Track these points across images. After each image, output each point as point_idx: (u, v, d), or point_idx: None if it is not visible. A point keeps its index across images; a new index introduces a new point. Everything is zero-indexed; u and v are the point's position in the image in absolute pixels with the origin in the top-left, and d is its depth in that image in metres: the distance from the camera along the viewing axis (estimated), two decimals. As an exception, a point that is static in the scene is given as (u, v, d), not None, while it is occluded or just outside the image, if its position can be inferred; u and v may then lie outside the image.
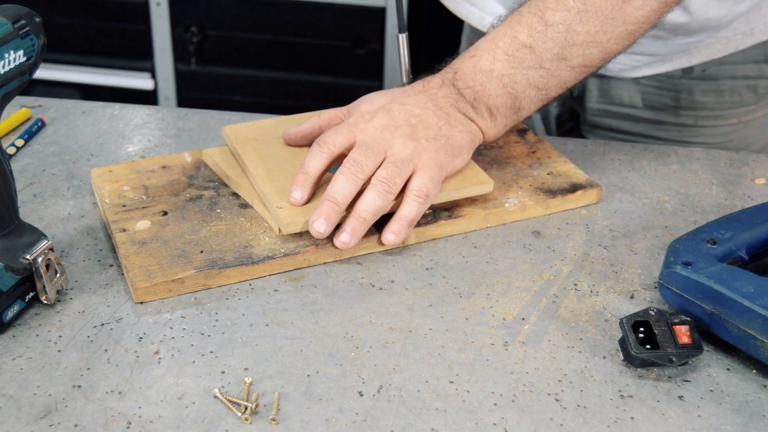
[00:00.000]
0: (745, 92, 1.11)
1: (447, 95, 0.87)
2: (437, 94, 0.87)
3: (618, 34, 0.85)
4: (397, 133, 0.83)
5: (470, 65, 0.87)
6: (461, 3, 1.13)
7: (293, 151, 0.90)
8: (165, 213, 0.85)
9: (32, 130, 0.99)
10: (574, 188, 0.91)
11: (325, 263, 0.82)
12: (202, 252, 0.80)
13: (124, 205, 0.86)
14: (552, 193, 0.91)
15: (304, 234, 0.82)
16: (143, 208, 0.86)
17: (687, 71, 1.09)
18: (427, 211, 0.86)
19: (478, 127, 0.88)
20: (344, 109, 0.91)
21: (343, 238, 0.80)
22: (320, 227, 0.79)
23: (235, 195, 0.88)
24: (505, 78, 0.85)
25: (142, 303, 0.75)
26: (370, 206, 0.80)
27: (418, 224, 0.85)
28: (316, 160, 0.83)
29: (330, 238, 0.81)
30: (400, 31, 0.96)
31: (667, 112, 1.14)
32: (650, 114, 1.15)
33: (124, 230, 0.82)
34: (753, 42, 1.07)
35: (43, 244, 0.73)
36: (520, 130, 1.02)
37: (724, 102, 1.11)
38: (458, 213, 0.87)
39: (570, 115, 1.24)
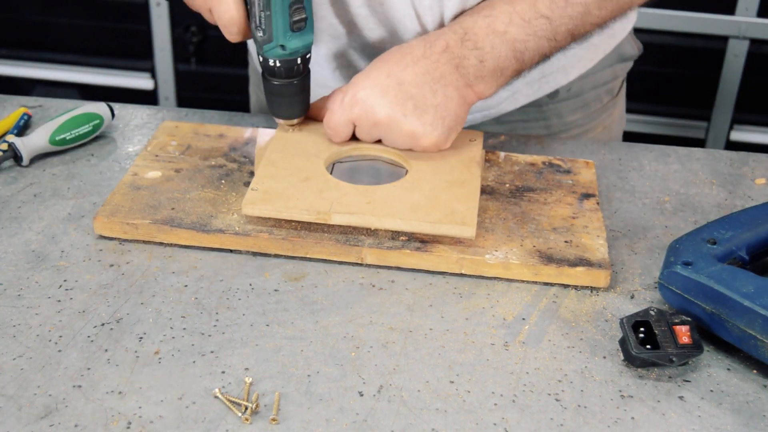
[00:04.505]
0: (605, 97, 1.10)
1: (449, 60, 0.86)
2: (439, 60, 0.86)
3: (618, 17, 0.90)
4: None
5: (484, 25, 0.87)
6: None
7: (317, 151, 0.88)
8: (179, 171, 0.89)
9: (19, 124, 0.99)
10: (577, 262, 0.79)
11: (299, 257, 0.82)
12: (172, 209, 0.83)
13: (156, 155, 0.91)
14: (549, 260, 0.79)
15: (263, 221, 0.82)
16: (168, 162, 0.90)
17: (553, 95, 1.06)
18: (402, 238, 0.81)
19: (474, 92, 0.87)
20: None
21: None
22: None
23: (253, 174, 0.89)
24: (518, 43, 0.86)
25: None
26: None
27: (383, 246, 0.80)
28: None
29: (285, 235, 0.81)
30: None
31: None
32: None
33: (135, 174, 0.88)
34: (615, 43, 1.06)
35: None
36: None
37: (591, 113, 1.09)
38: (430, 248, 0.80)
39: None
